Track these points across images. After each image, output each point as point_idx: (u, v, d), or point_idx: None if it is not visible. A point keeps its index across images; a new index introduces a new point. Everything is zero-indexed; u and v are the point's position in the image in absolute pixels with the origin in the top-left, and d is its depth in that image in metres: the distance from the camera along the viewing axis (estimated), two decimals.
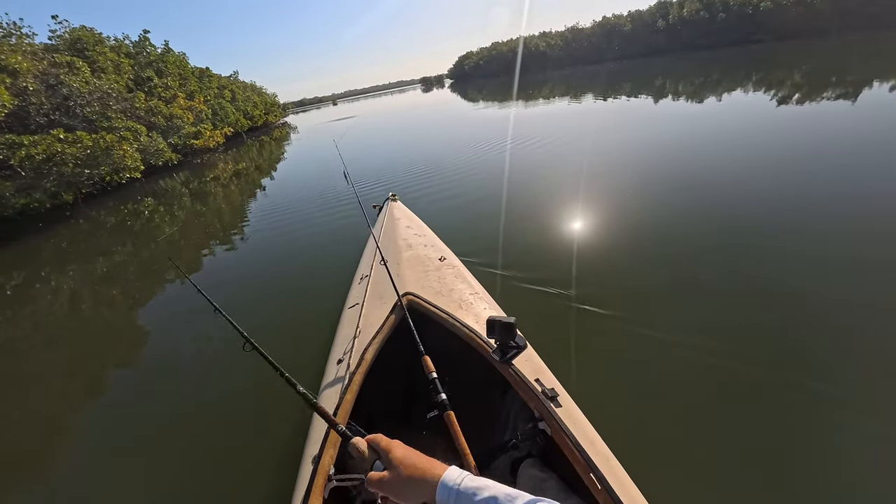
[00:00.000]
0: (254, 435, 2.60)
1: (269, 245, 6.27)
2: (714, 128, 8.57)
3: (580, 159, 7.44)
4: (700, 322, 2.81)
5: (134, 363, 3.87)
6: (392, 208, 3.62)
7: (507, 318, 1.53)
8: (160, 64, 20.70)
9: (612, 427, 1.57)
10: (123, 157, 12.94)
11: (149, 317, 4.67)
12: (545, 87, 29.11)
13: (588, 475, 1.18)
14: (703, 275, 3.34)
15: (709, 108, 10.86)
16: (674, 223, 4.33)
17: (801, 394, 2.18)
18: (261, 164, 16.11)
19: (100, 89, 13.43)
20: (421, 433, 1.94)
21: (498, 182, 6.99)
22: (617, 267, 3.65)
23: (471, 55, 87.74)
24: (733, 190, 4.92)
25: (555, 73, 50.33)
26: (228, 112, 28.22)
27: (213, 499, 2.25)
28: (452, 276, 2.35)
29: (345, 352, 1.91)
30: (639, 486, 1.21)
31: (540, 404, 1.42)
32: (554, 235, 4.50)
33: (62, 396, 3.51)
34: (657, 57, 44.53)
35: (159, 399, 3.17)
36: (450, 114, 22.84)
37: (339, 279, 3.64)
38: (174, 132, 17.24)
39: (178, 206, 10.73)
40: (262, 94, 48.00)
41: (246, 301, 4.49)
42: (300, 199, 8.64)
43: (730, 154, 6.35)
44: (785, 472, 1.87)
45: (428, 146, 12.20)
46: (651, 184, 5.63)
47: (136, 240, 8.26)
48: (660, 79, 21.31)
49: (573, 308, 3.13)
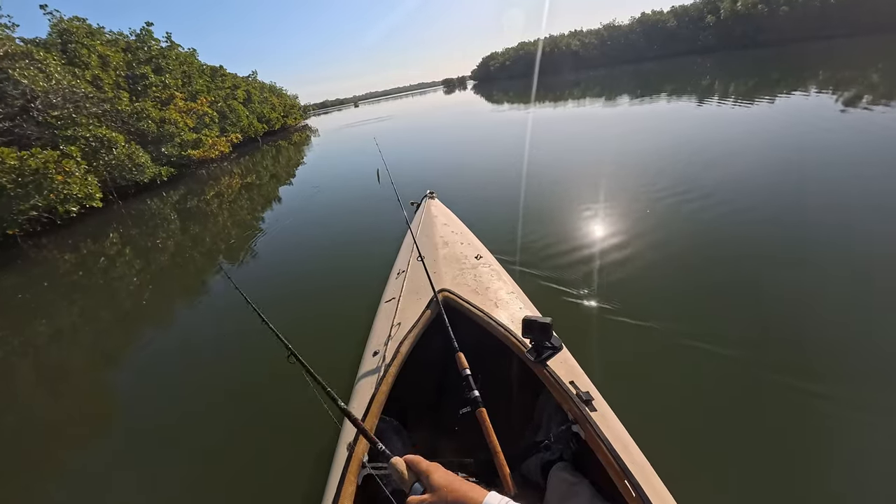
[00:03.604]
0: (292, 422, 2.67)
1: (303, 240, 6.61)
2: (762, 132, 7.94)
3: (612, 162, 7.34)
4: (740, 333, 2.72)
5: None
6: (429, 206, 3.60)
7: (544, 318, 1.52)
8: (160, 60, 18.15)
9: (647, 435, 1.49)
10: (65, 183, 9.38)
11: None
12: (576, 89, 27.65)
13: (623, 482, 1.15)
14: (741, 284, 3.23)
15: (761, 111, 9.81)
16: (711, 230, 4.22)
17: (852, 410, 2.09)
18: (277, 173, 15.10)
19: (59, 88, 10.57)
20: (452, 428, 1.98)
21: (516, 182, 7.07)
22: (650, 274, 3.58)
23: (495, 56, 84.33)
24: (781, 197, 4.71)
25: (588, 73, 47.02)
26: (241, 115, 25.67)
27: (254, 484, 2.31)
28: (488, 275, 2.34)
29: (381, 344, 1.94)
30: (676, 498, 1.16)
31: (574, 407, 1.40)
32: (583, 238, 4.48)
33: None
34: (704, 55, 40.55)
35: (201, 391, 3.30)
36: (473, 117, 22.46)
37: (375, 274, 3.70)
38: (167, 140, 14.47)
39: (161, 235, 8.30)
40: (281, 95, 45.74)
41: (281, 295, 4.69)
42: (333, 196, 9.05)
43: (779, 158, 6.07)
44: (832, 493, 1.80)
45: (458, 146, 12.41)
46: (688, 190, 5.38)
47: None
48: (707, 79, 19.99)
49: (604, 313, 3.12)
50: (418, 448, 1.82)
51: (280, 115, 38.68)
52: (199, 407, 3.16)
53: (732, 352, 2.55)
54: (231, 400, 3.13)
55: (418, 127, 22.33)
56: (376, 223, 6.40)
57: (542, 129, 13.04)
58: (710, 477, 1.92)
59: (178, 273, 6.54)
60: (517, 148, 10.09)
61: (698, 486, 1.82)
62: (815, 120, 7.91)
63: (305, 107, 61.44)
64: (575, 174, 7.14)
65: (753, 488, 1.85)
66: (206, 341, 4.14)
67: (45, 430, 3.25)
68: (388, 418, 1.76)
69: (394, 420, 1.80)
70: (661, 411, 2.28)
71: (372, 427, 1.45)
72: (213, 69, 27.91)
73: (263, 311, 1.64)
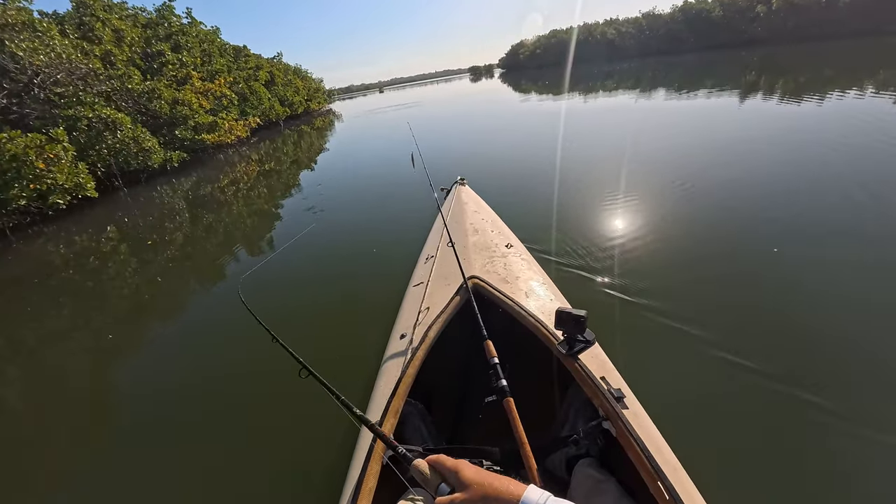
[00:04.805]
0: (314, 409, 2.44)
1: (331, 223, 6.54)
2: (809, 131, 7.34)
3: (656, 159, 6.99)
4: (788, 346, 2.57)
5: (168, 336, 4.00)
6: (460, 192, 3.56)
7: (579, 311, 1.49)
8: (179, 37, 17.46)
9: (679, 438, 1.42)
10: (48, 172, 8.19)
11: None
12: (610, 80, 26.52)
13: (655, 483, 1.12)
14: (798, 301, 2.98)
15: (810, 110, 9.07)
16: (758, 234, 3.99)
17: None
18: (299, 158, 14.68)
19: (58, 62, 9.64)
20: (476, 416, 2.02)
21: (549, 172, 6.97)
22: (693, 276, 3.45)
23: (525, 44, 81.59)
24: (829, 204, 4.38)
25: (622, 64, 44.86)
26: (262, 97, 24.98)
27: (276, 466, 2.31)
28: (519, 264, 2.32)
29: (408, 328, 1.93)
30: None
31: (605, 403, 1.38)
32: (623, 234, 4.33)
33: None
34: (750, 49, 37.84)
35: (224, 379, 3.20)
36: (501, 106, 21.94)
37: (401, 258, 3.93)
38: (180, 123, 13.73)
39: (170, 229, 7.64)
40: (306, 77, 45.03)
41: (309, 278, 4.72)
42: (360, 181, 9.11)
43: (824, 161, 5.62)
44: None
45: (485, 136, 12.07)
46: (735, 191, 5.06)
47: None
48: (752, 74, 18.55)
49: (639, 309, 3.06)
50: (442, 436, 1.84)
51: (303, 99, 37.97)
52: (218, 387, 3.14)
53: (777, 366, 2.42)
54: (244, 402, 2.97)
55: (444, 115, 21.79)
56: (402, 209, 6.41)
57: (575, 121, 12.54)
58: (745, 488, 1.85)
59: (186, 268, 5.97)
60: (549, 139, 9.84)
61: (732, 498, 1.76)
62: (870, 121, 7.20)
63: (330, 91, 60.63)
64: (612, 168, 6.69)
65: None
66: (211, 347, 3.83)
67: (49, 443, 2.95)
68: (414, 401, 1.77)
69: (419, 403, 1.81)
70: (695, 417, 2.21)
71: (398, 409, 1.47)
72: (236, 49, 27.28)
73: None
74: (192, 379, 3.35)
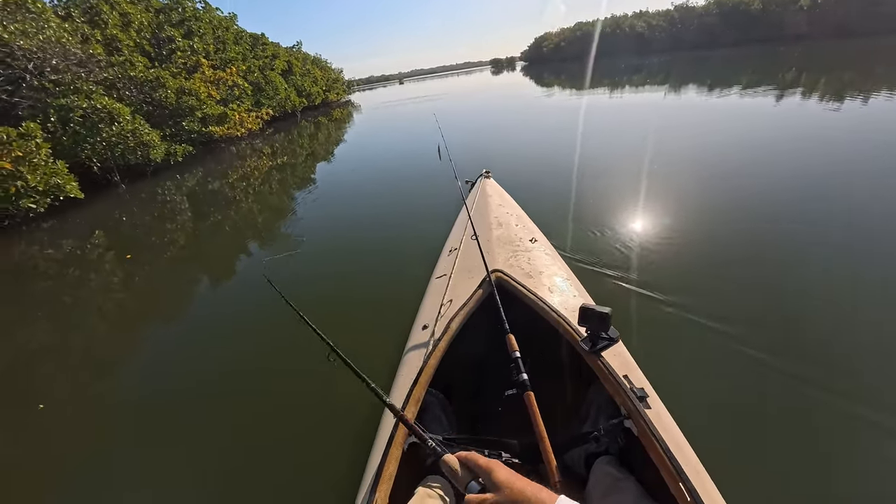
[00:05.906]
0: (334, 395, 2.64)
1: (354, 214, 6.62)
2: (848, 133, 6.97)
3: (683, 157, 6.76)
4: (817, 350, 2.47)
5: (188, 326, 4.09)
6: (485, 185, 3.54)
7: (603, 308, 1.44)
8: (192, 23, 16.83)
9: (700, 441, 1.36)
10: (15, 173, 7.04)
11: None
12: (637, 76, 25.34)
13: (676, 484, 1.09)
14: (829, 300, 2.90)
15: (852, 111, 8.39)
16: (787, 235, 3.90)
17: None
18: (315, 150, 14.45)
19: (46, 45, 8.76)
20: (495, 409, 2.00)
21: (568, 166, 6.99)
22: (718, 273, 3.41)
23: (549, 36, 79.29)
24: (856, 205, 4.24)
25: (651, 59, 42.85)
26: (278, 87, 24.34)
27: (303, 449, 2.38)
28: (543, 259, 2.30)
29: (431, 319, 1.95)
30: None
31: (628, 401, 1.35)
32: (647, 231, 4.31)
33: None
34: (788, 44, 35.64)
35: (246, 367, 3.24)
36: (522, 100, 21.36)
37: (424, 248, 3.99)
38: (186, 114, 13.02)
39: (171, 226, 7.21)
40: (325, 68, 44.36)
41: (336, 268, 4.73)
42: (383, 173, 9.05)
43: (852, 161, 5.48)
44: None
45: (508, 131, 11.97)
46: (769, 191, 4.92)
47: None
48: (793, 71, 17.43)
49: (664, 307, 3.03)
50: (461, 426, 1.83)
51: (321, 90, 37.32)
52: (234, 373, 3.19)
53: (809, 368, 2.32)
54: (269, 388, 2.99)
55: (466, 110, 21.21)
56: (425, 201, 6.46)
57: (595, 118, 12.25)
58: (770, 492, 1.79)
59: (206, 260, 5.89)
60: (569, 134, 9.80)
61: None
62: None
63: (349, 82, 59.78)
64: (633, 166, 6.57)
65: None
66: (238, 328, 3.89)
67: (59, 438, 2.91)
68: (434, 391, 1.77)
69: (439, 393, 1.82)
70: (719, 418, 2.14)
71: (419, 398, 1.46)
72: (253, 37, 26.70)
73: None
74: (217, 365, 3.40)
